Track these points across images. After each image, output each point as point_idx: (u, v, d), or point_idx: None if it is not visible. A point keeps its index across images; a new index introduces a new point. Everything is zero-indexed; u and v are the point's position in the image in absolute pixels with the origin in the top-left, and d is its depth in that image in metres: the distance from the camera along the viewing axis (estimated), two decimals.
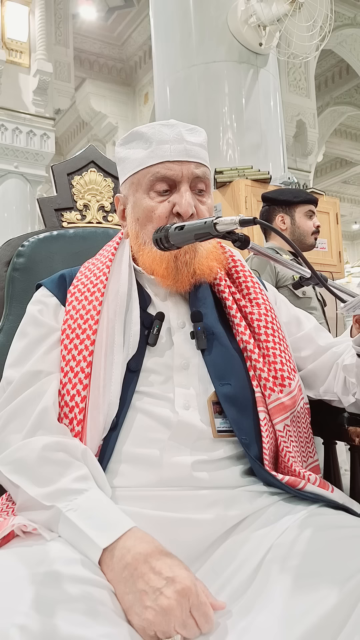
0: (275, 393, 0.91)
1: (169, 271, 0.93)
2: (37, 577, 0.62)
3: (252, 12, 4.08)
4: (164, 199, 0.93)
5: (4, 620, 0.56)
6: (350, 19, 8.02)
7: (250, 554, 0.74)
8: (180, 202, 0.91)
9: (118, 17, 9.05)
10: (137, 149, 0.96)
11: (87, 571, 0.66)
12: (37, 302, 0.99)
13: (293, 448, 0.91)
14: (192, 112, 4.28)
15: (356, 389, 0.95)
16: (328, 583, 0.64)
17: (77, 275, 1.00)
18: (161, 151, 0.93)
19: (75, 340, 0.89)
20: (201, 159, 0.95)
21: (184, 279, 0.94)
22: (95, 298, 0.93)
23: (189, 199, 0.91)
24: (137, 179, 0.96)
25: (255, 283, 1.03)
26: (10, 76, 6.59)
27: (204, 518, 0.78)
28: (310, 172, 7.68)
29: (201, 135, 0.98)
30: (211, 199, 0.99)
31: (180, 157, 0.93)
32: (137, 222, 0.96)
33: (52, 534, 0.73)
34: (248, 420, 0.89)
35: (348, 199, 13.90)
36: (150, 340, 0.91)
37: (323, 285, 0.84)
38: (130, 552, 0.68)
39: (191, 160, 0.93)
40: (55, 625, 0.57)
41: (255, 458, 0.86)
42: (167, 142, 0.93)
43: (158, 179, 0.93)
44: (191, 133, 0.96)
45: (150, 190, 0.94)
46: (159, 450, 0.83)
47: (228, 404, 0.87)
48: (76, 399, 0.85)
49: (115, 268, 0.98)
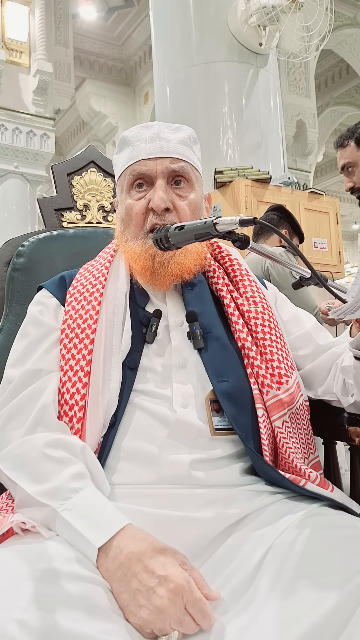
0: (273, 390, 0.91)
1: (145, 269, 0.95)
2: (36, 574, 0.62)
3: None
4: (141, 196, 0.96)
5: (3, 616, 0.56)
6: (350, 19, 8.02)
7: (250, 553, 0.74)
8: (153, 197, 0.93)
9: (118, 17, 9.05)
10: (123, 152, 1.00)
11: (85, 569, 0.67)
12: (37, 303, 1.00)
13: (293, 444, 0.91)
14: (192, 112, 4.28)
15: (354, 390, 0.95)
16: (328, 583, 0.64)
17: (77, 277, 1.01)
18: (138, 150, 0.96)
19: (74, 339, 0.90)
20: (178, 154, 0.96)
21: (162, 279, 0.95)
22: (94, 298, 0.94)
23: (162, 194, 0.93)
24: (121, 181, 1.00)
25: (252, 281, 1.03)
26: (10, 76, 6.60)
27: (203, 516, 0.78)
28: (310, 172, 7.68)
29: (184, 132, 1.00)
30: (196, 193, 0.99)
31: (155, 154, 0.95)
32: (122, 222, 1.00)
33: (50, 532, 0.73)
34: (246, 417, 0.89)
35: (348, 199, 13.86)
36: (147, 337, 0.92)
37: (323, 285, 0.84)
38: (123, 552, 0.68)
39: (166, 156, 0.95)
40: (55, 621, 0.57)
41: (255, 451, 0.86)
42: (143, 141, 0.96)
43: (135, 177, 0.96)
44: (173, 131, 0.98)
45: (130, 190, 0.98)
46: (158, 448, 0.83)
47: (226, 401, 0.88)
48: (76, 397, 0.86)
49: (113, 268, 0.99)
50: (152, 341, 0.92)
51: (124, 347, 0.90)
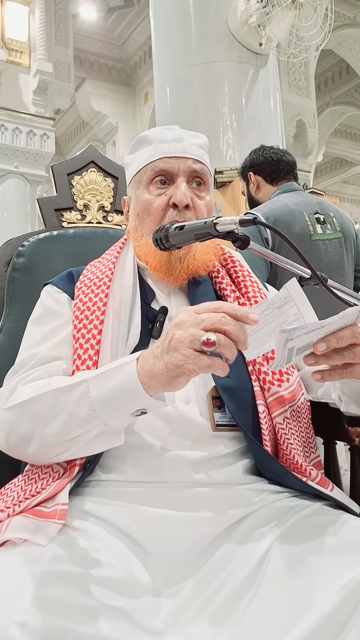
0: (274, 387, 0.91)
1: (161, 264, 0.97)
2: (36, 576, 0.62)
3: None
4: (162, 192, 0.98)
5: (5, 618, 0.56)
6: (350, 19, 8.02)
7: (251, 553, 0.74)
8: (176, 193, 0.95)
9: (118, 17, 9.04)
10: (142, 151, 1.02)
11: (85, 570, 0.67)
12: (49, 297, 1.02)
13: (294, 440, 0.91)
14: (192, 112, 4.27)
15: (350, 406, 0.95)
16: (329, 583, 0.64)
17: (84, 272, 1.03)
18: (160, 149, 0.99)
19: (82, 330, 0.92)
20: (199, 157, 1.00)
21: (178, 274, 0.97)
22: (102, 291, 0.95)
23: (185, 190, 0.95)
24: (139, 177, 1.01)
25: (253, 282, 1.04)
26: (10, 76, 6.58)
27: (204, 516, 0.78)
28: (310, 172, 7.67)
29: (202, 139, 1.04)
30: (210, 196, 1.02)
31: (178, 153, 0.98)
32: (137, 217, 1.01)
33: (44, 539, 0.71)
34: (247, 413, 0.89)
35: (348, 199, 13.89)
36: (154, 333, 0.93)
37: (323, 285, 0.84)
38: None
39: (189, 157, 0.98)
40: (55, 623, 0.57)
41: (254, 439, 0.86)
42: (167, 141, 0.99)
43: (156, 173, 0.98)
44: (192, 136, 1.02)
45: (149, 185, 0.99)
46: (160, 444, 0.83)
47: (227, 396, 0.88)
48: None
49: (120, 265, 1.01)
50: (159, 336, 0.93)
51: (132, 341, 0.90)
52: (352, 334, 0.73)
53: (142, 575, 0.73)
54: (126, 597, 0.68)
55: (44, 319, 0.98)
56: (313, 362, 0.75)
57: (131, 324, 0.92)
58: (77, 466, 0.82)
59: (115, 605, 0.65)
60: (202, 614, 0.69)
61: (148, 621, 0.67)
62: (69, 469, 0.83)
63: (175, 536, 0.76)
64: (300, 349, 0.72)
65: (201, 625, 0.68)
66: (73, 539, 0.74)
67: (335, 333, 0.72)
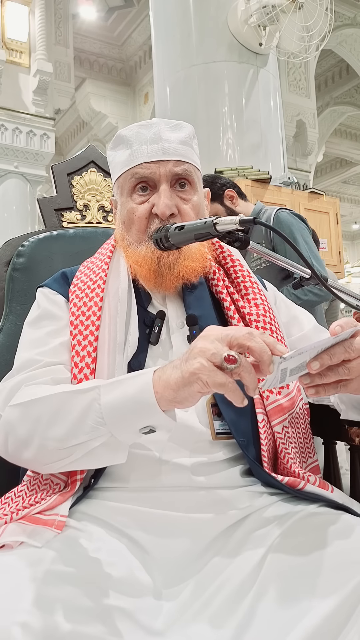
0: (274, 395, 0.90)
1: (151, 272, 0.93)
2: (37, 576, 0.62)
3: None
4: (145, 199, 0.93)
5: (6, 619, 0.56)
6: (350, 19, 8.02)
7: (250, 554, 0.74)
8: (158, 203, 0.91)
9: (118, 17, 9.04)
10: (121, 152, 0.97)
11: (86, 570, 0.67)
12: (46, 299, 0.99)
13: (292, 449, 0.90)
14: (192, 112, 4.28)
15: (349, 413, 0.94)
16: (328, 584, 0.64)
17: (77, 274, 1.00)
18: (139, 153, 0.93)
19: (78, 336, 0.89)
20: (181, 156, 0.94)
21: (167, 281, 0.93)
22: (96, 294, 0.93)
23: (167, 200, 0.90)
24: (121, 183, 0.97)
25: (253, 283, 1.02)
26: (10, 76, 6.59)
27: (203, 517, 0.78)
28: (310, 172, 7.67)
29: (184, 130, 0.96)
30: (199, 195, 0.97)
31: (157, 156, 0.92)
32: (123, 225, 0.97)
33: (41, 543, 0.71)
34: (246, 422, 0.88)
35: (348, 199, 13.89)
36: (152, 338, 0.91)
37: (323, 285, 0.84)
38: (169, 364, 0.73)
39: (169, 159, 0.92)
40: (57, 623, 0.57)
41: (254, 459, 0.86)
42: (144, 142, 0.93)
43: (137, 180, 0.93)
44: (173, 130, 0.95)
45: (132, 193, 0.95)
46: (158, 452, 0.83)
47: (226, 405, 0.87)
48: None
49: (113, 266, 0.98)
50: (157, 342, 0.91)
51: (131, 348, 0.89)
52: (343, 349, 0.72)
53: (142, 575, 0.73)
54: (127, 597, 0.68)
55: (42, 322, 0.95)
56: (309, 382, 0.74)
57: (128, 331, 0.90)
58: (78, 481, 0.81)
59: (116, 606, 0.65)
60: (203, 614, 0.69)
61: (149, 621, 0.67)
62: (70, 483, 0.82)
63: (176, 537, 0.76)
64: (294, 369, 0.72)
65: (202, 625, 0.68)
66: (73, 539, 0.74)
67: (328, 350, 0.72)
